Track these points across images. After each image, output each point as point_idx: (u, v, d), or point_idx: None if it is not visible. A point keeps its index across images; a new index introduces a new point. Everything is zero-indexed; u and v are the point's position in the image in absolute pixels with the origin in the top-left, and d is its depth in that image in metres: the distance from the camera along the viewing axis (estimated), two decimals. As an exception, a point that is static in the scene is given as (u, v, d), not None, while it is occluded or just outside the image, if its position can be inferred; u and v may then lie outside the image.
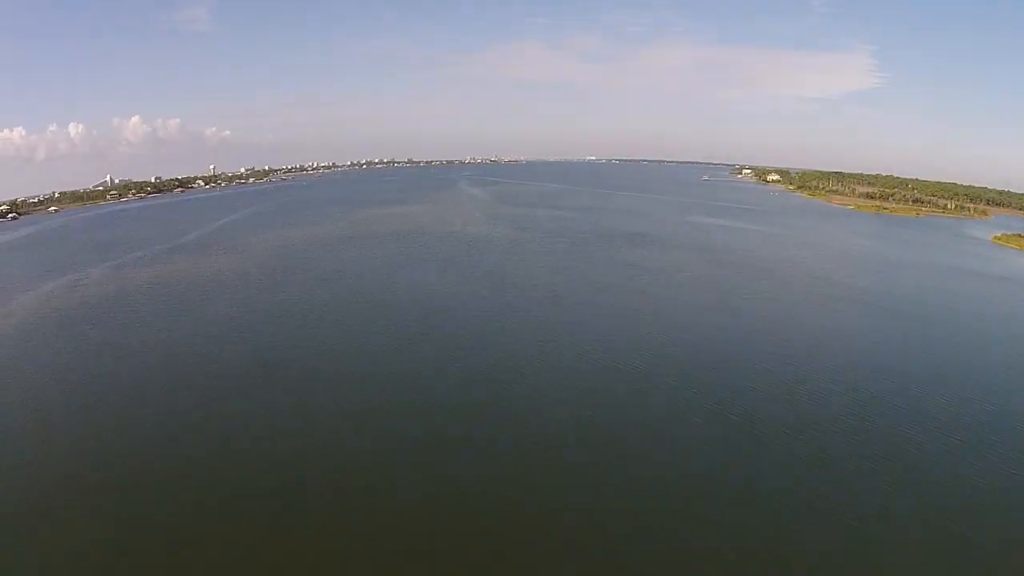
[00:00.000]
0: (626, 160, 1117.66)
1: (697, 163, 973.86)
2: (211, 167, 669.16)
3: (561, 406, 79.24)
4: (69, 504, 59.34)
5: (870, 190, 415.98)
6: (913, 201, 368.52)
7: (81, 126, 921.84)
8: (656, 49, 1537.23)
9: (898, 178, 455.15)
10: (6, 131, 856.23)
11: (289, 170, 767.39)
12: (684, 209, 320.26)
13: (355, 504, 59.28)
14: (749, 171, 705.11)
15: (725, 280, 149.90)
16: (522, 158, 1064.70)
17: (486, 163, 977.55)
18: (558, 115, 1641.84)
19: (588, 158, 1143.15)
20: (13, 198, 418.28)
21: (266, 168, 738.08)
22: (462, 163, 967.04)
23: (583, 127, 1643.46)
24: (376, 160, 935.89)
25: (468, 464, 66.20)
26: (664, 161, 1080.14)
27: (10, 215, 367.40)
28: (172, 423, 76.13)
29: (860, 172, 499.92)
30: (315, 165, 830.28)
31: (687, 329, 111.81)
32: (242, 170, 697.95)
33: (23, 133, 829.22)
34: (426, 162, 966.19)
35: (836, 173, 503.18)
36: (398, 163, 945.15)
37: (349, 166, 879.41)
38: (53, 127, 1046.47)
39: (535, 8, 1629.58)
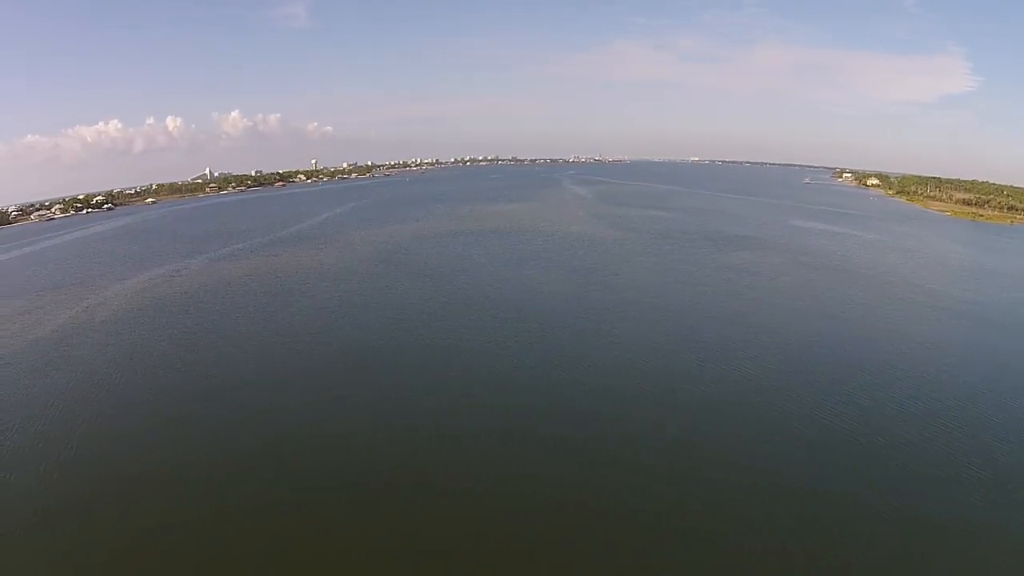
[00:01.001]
0: (728, 162, 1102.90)
1: (797, 165, 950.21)
2: (313, 161, 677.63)
3: (655, 409, 78.46)
4: (151, 490, 61.89)
5: (966, 196, 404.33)
6: (1008, 208, 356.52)
7: (179, 120, 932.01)
8: (752, 50, 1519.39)
9: (993, 184, 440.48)
10: (101, 123, 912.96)
11: (392, 166, 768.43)
12: (786, 212, 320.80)
13: (431, 500, 59.35)
14: (850, 175, 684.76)
15: (824, 285, 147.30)
16: (626, 158, 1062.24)
17: (590, 162, 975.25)
18: (660, 115, 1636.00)
19: (691, 159, 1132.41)
20: (109, 189, 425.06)
21: (369, 164, 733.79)
22: (566, 162, 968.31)
23: (685, 128, 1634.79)
24: (480, 157, 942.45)
25: (550, 463, 65.91)
26: (765, 163, 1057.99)
27: (106, 206, 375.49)
28: (247, 415, 77.57)
29: (957, 177, 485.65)
30: (419, 161, 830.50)
31: (786, 335, 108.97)
32: (344, 165, 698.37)
33: (119, 126, 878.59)
34: (530, 160, 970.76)
35: (934, 178, 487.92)
36: (502, 161, 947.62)
37: (453, 163, 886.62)
38: (151, 120, 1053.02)
39: (634, 8, 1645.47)
